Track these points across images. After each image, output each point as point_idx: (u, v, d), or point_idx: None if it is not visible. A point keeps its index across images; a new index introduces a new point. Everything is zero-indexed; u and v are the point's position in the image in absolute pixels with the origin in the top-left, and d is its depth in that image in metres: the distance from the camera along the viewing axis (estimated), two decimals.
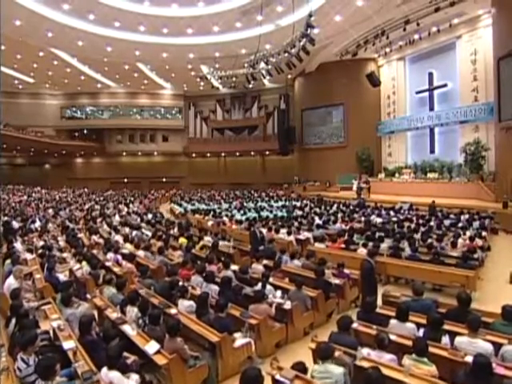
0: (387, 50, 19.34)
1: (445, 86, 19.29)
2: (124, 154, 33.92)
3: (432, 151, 20.19)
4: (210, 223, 11.99)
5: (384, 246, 7.65)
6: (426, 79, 20.12)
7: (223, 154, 32.57)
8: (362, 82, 21.79)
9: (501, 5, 14.68)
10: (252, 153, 31.46)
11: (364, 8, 16.24)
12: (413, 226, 9.98)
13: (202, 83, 26.39)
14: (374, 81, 20.42)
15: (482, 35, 17.09)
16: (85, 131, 33.12)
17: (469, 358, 3.23)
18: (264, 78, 20.39)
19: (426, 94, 20.25)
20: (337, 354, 3.34)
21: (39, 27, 17.92)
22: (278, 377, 3.14)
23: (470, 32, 17.70)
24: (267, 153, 30.78)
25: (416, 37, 17.79)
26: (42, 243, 8.55)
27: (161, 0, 17.24)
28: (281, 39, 16.69)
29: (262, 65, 17.94)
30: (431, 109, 20.01)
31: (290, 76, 25.02)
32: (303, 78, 26.63)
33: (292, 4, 15.30)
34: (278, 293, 4.94)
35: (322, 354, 3.13)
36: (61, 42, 20.24)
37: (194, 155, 33.02)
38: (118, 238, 9.12)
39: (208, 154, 32.64)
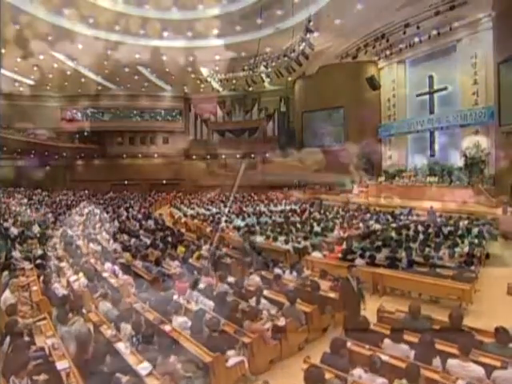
0: (387, 52, 19.29)
1: (445, 89, 19.20)
2: (124, 156, 33.89)
3: (432, 154, 20.14)
4: (208, 229, 11.99)
5: (381, 255, 7.65)
6: (427, 82, 20.03)
7: (223, 156, 32.54)
8: (362, 85, 21.73)
9: (501, 8, 14.64)
10: (252, 155, 31.41)
11: (364, 11, 16.19)
12: (411, 233, 9.94)
13: (202, 85, 26.38)
14: (374, 84, 20.42)
15: (483, 39, 16.98)
16: (85, 133, 33.12)
17: (460, 383, 3.23)
18: (263, 81, 20.43)
19: (427, 96, 20.17)
20: (328, 376, 3.34)
21: (39, 31, 17.93)
22: None
23: (471, 35, 17.59)
24: (267, 155, 30.72)
25: (416, 40, 17.73)
26: (40, 252, 8.56)
27: (161, 3, 17.24)
28: (280, 42, 16.72)
29: (262, 68, 18.01)
30: (431, 112, 19.93)
31: (290, 78, 24.91)
32: (303, 81, 26.58)
33: (292, 8, 15.33)
34: (273, 311, 4.90)
35: (312, 379, 3.12)
36: (61, 46, 20.26)
37: (194, 157, 33.01)
38: (116, 246, 9.13)
39: (208, 156, 32.64)
